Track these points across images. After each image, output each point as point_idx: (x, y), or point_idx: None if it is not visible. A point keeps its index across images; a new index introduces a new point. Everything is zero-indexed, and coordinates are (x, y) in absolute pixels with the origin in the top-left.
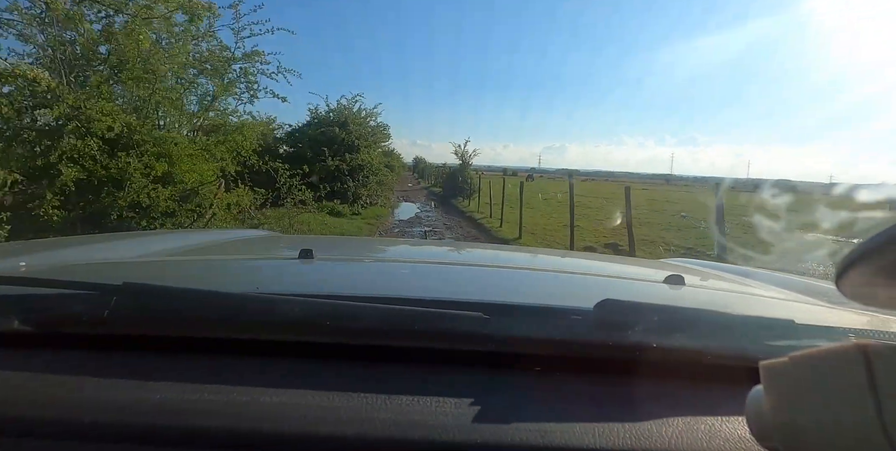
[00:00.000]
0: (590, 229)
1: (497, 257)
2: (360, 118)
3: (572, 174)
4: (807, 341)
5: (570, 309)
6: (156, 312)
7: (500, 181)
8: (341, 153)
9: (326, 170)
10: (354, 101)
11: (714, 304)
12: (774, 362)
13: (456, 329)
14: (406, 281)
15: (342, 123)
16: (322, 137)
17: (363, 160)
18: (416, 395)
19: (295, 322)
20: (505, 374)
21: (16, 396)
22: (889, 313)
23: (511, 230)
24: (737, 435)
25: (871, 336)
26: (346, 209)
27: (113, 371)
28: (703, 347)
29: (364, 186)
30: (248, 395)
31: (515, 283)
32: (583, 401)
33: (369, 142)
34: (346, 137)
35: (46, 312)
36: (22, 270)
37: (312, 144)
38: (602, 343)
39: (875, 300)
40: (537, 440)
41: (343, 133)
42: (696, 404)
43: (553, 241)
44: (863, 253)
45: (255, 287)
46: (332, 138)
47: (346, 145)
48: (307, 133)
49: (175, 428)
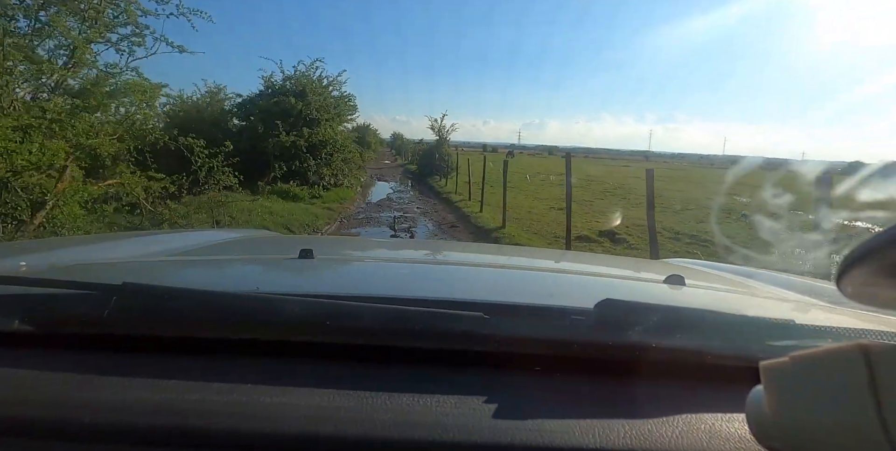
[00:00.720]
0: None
1: (497, 257)
2: (320, 88)
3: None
4: (807, 341)
5: (570, 309)
6: (155, 312)
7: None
8: (298, 127)
9: (281, 147)
10: (314, 68)
11: (714, 304)
12: (775, 362)
13: (456, 329)
14: (406, 281)
15: (300, 93)
16: (275, 109)
17: (325, 136)
18: (416, 395)
19: (295, 322)
20: (505, 374)
21: (15, 396)
22: (889, 314)
23: (493, 216)
24: (737, 435)
25: (872, 336)
26: (303, 192)
27: (113, 371)
28: (703, 347)
29: (328, 165)
30: (248, 395)
31: (515, 283)
32: (583, 401)
33: (332, 115)
34: (303, 108)
35: (46, 312)
36: (22, 270)
37: (265, 117)
38: (602, 343)
39: (875, 300)
40: (537, 439)
41: (300, 104)
42: (697, 404)
43: (542, 230)
44: (863, 253)
45: (254, 287)
46: (288, 110)
47: (305, 118)
48: (259, 104)
49: (175, 428)
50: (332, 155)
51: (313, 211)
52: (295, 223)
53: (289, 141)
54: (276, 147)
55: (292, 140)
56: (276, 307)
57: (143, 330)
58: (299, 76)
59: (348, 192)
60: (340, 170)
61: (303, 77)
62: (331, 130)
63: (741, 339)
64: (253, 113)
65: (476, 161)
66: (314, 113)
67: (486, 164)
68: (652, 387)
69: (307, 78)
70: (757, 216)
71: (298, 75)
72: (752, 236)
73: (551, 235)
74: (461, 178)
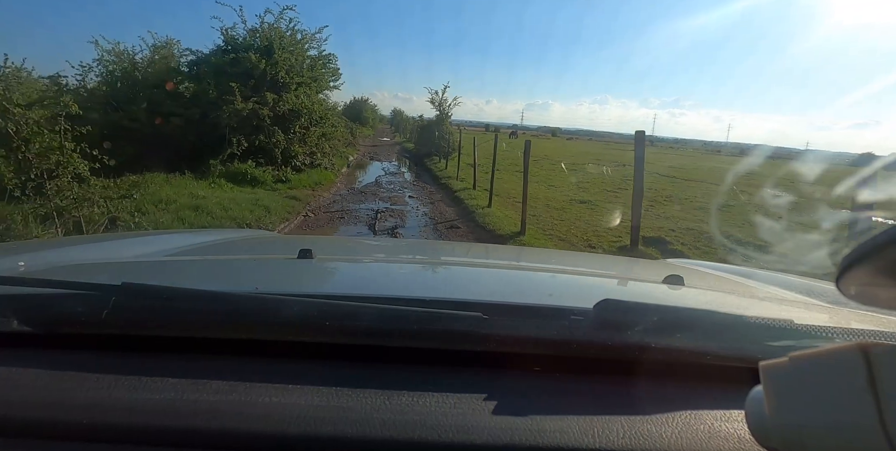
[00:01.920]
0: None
1: (496, 257)
2: (292, 44)
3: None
4: (806, 341)
5: (570, 309)
6: (154, 312)
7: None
8: (261, 92)
9: (239, 116)
10: (283, 18)
11: (713, 304)
12: (774, 362)
13: (455, 329)
14: (405, 281)
15: (265, 50)
16: (231, 69)
17: (296, 104)
18: (416, 395)
19: (294, 322)
20: (504, 374)
21: (14, 396)
22: (889, 314)
23: (505, 213)
24: (736, 435)
25: (872, 337)
26: (265, 174)
27: (112, 371)
28: (702, 347)
29: (302, 141)
30: (248, 395)
31: (515, 283)
32: (582, 401)
33: (306, 78)
34: (268, 69)
35: (45, 312)
36: (21, 270)
37: (219, 80)
38: (601, 343)
39: (875, 301)
40: (537, 439)
41: (264, 63)
42: (696, 404)
43: (569, 233)
44: (863, 253)
45: (254, 287)
46: (248, 71)
47: (271, 82)
48: (212, 62)
49: (174, 428)
50: (308, 129)
51: (267, 202)
52: (228, 224)
53: (247, 109)
54: (232, 117)
55: (251, 108)
56: (276, 308)
57: (142, 330)
58: (266, 28)
59: (327, 175)
60: (319, 147)
61: (271, 30)
62: (306, 99)
63: (740, 339)
64: (206, 74)
65: (483, 141)
66: (283, 76)
67: (496, 144)
68: (651, 387)
69: (276, 31)
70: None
71: (265, 28)
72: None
73: (583, 241)
74: (464, 159)
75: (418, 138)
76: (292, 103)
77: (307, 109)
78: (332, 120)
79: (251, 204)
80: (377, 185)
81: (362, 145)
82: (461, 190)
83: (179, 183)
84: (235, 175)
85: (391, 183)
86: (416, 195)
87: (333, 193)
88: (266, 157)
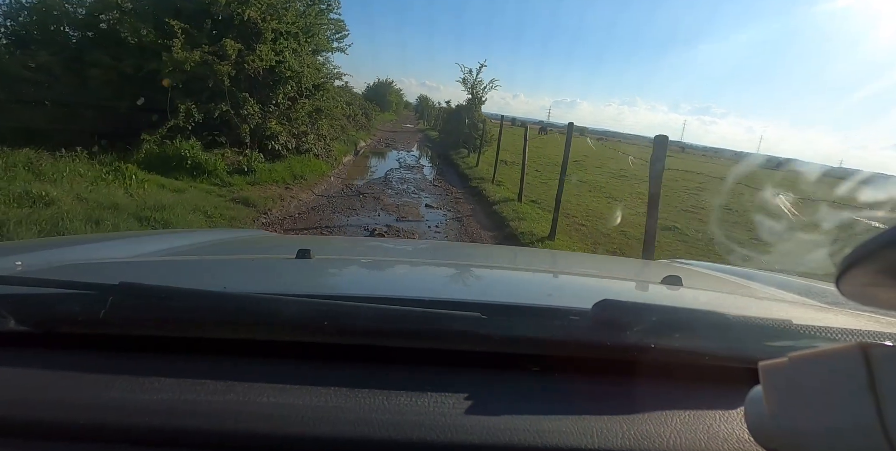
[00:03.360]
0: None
1: (496, 257)
2: None
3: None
4: (806, 341)
5: (568, 309)
6: (152, 312)
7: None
8: (216, 39)
9: (183, 72)
10: None
11: (712, 304)
12: (773, 362)
13: (454, 329)
14: (404, 281)
15: None
16: (181, 3)
17: (281, 65)
18: (414, 395)
19: (293, 322)
20: (503, 374)
21: (10, 395)
22: (889, 314)
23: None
24: (735, 436)
25: (871, 337)
26: (219, 162)
27: (109, 371)
28: (701, 347)
29: (287, 119)
30: (246, 395)
31: (513, 283)
32: (581, 401)
33: (290, 27)
34: (235, 6)
35: (42, 311)
36: (18, 269)
37: (157, 19)
38: (600, 343)
39: (875, 301)
40: (535, 440)
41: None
42: (695, 404)
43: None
44: (863, 254)
45: (252, 287)
46: (204, 7)
47: (240, 27)
48: None
49: (171, 429)
50: (296, 100)
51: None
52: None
53: (192, 60)
54: (174, 73)
55: (200, 59)
56: (274, 308)
57: (140, 330)
58: None
59: (317, 164)
60: (313, 127)
61: None
62: (291, 57)
63: (739, 339)
64: (146, 11)
65: (513, 135)
66: (256, 19)
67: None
68: (650, 387)
69: None
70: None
71: None
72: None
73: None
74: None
75: (444, 126)
76: (269, 60)
77: (293, 71)
78: (332, 92)
79: (150, 211)
80: (385, 183)
81: (380, 130)
82: (501, 202)
83: (52, 168)
84: (167, 160)
85: (405, 181)
86: (436, 204)
87: (319, 192)
88: (230, 135)
